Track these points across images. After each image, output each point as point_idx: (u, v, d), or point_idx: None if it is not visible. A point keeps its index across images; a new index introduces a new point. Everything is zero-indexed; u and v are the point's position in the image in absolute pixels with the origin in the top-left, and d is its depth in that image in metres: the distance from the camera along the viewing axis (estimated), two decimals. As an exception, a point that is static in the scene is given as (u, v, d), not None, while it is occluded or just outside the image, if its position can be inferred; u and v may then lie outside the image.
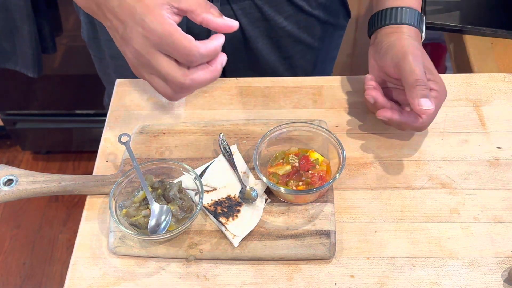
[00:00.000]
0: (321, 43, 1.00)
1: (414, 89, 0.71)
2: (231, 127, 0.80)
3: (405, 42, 0.75)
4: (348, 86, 0.87)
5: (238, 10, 0.88)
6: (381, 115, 0.76)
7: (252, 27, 0.91)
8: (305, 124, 0.74)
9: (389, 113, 0.75)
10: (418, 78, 0.71)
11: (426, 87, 0.71)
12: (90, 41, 1.01)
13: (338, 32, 1.04)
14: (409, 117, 0.74)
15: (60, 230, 1.87)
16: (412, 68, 0.72)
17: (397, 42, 0.75)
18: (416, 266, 0.66)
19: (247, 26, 0.90)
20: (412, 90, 0.71)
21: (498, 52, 0.97)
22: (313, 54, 1.01)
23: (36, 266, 1.77)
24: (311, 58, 1.02)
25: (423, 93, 0.70)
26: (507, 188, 0.73)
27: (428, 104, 0.70)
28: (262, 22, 0.91)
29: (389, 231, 0.69)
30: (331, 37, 1.02)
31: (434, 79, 0.75)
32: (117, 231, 0.69)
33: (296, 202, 0.71)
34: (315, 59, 1.03)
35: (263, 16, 0.90)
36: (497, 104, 0.83)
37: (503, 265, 0.66)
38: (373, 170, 0.76)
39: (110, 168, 0.78)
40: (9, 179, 0.72)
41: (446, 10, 1.05)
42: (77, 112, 1.83)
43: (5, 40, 1.33)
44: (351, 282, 0.65)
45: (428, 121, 0.75)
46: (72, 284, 0.67)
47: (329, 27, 0.99)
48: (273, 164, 0.74)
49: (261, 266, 0.67)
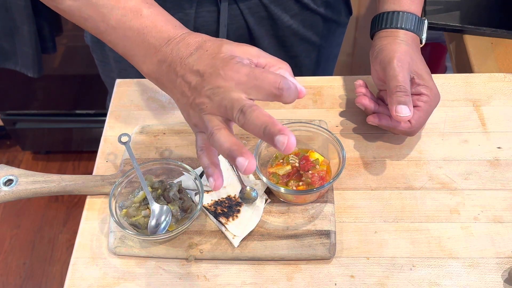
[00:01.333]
0: (325, 41, 1.01)
1: (393, 95, 0.71)
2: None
3: (395, 47, 0.75)
4: (348, 86, 0.87)
5: (245, 9, 0.88)
6: (370, 121, 0.77)
7: (258, 26, 0.91)
8: (305, 124, 0.74)
9: (377, 120, 0.76)
10: (398, 84, 0.71)
11: (406, 94, 0.71)
12: (94, 45, 1.01)
13: (340, 30, 1.04)
14: (398, 122, 0.74)
15: (60, 230, 1.87)
16: (395, 74, 0.72)
17: (388, 46, 0.75)
18: (416, 266, 0.66)
19: (254, 25, 0.90)
20: (392, 96, 0.72)
21: (498, 52, 0.97)
22: (317, 53, 1.02)
23: (36, 266, 1.77)
24: (315, 57, 1.03)
25: (401, 99, 0.71)
26: (507, 188, 0.73)
27: (405, 112, 0.70)
28: (268, 20, 0.91)
29: (389, 231, 0.69)
30: (334, 34, 1.03)
31: (424, 83, 0.74)
32: (117, 231, 0.69)
33: (296, 202, 0.71)
34: (319, 58, 1.03)
35: (269, 14, 0.90)
36: (497, 104, 0.83)
37: (503, 265, 0.66)
38: (373, 170, 0.76)
39: (110, 168, 0.78)
40: (9, 179, 0.72)
41: (446, 10, 1.05)
42: (77, 112, 1.83)
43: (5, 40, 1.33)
44: (351, 282, 0.65)
45: (417, 126, 0.74)
46: (72, 284, 0.67)
47: (332, 24, 1.00)
48: (273, 164, 0.74)
49: (261, 266, 0.67)
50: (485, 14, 1.05)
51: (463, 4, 1.06)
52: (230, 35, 0.91)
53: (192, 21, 0.88)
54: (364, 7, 1.67)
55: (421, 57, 0.77)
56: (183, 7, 0.86)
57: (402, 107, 0.71)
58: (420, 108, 0.74)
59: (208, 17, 0.88)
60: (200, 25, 0.89)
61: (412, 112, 0.71)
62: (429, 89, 0.74)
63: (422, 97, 0.74)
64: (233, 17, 0.89)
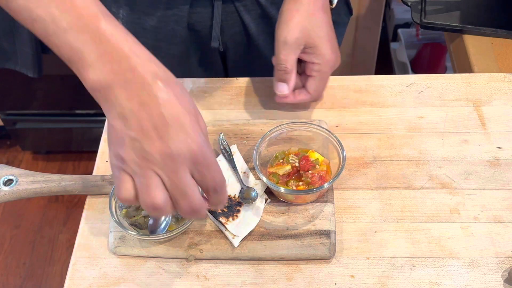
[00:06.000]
0: None
1: (275, 72, 0.76)
2: (231, 127, 0.80)
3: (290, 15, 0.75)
4: (348, 86, 0.87)
5: (240, 7, 0.88)
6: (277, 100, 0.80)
7: (254, 24, 0.91)
8: (305, 124, 0.74)
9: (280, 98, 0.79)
10: (279, 63, 0.75)
11: (285, 72, 0.75)
12: None
13: (340, 30, 1.04)
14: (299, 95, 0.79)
15: (60, 230, 1.87)
16: (278, 52, 0.75)
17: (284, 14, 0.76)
18: (416, 266, 0.66)
19: (250, 23, 0.90)
20: (274, 72, 0.76)
21: (498, 52, 0.97)
22: None
23: (36, 266, 1.77)
24: None
25: (280, 77, 0.76)
26: (507, 188, 0.73)
27: (281, 89, 0.77)
28: (264, 19, 0.91)
29: (389, 231, 0.69)
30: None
31: (315, 52, 0.76)
32: (117, 231, 0.69)
33: (296, 202, 0.71)
34: None
35: (265, 13, 0.90)
36: (497, 104, 0.83)
37: (503, 265, 0.66)
38: (373, 170, 0.76)
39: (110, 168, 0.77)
40: (9, 179, 0.72)
41: (446, 10, 1.05)
42: (77, 112, 1.83)
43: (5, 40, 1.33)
44: (351, 282, 0.65)
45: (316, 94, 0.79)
46: (72, 284, 0.67)
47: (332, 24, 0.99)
48: (273, 164, 0.74)
49: (261, 266, 0.67)
50: (485, 14, 1.05)
51: (463, 4, 1.06)
52: (225, 32, 0.91)
53: (186, 17, 0.88)
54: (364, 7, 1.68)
55: (321, 20, 0.76)
56: (177, 3, 0.86)
57: (279, 85, 0.77)
58: (313, 77, 0.77)
59: (203, 14, 0.87)
60: (195, 21, 0.88)
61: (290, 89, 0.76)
62: (321, 56, 0.76)
63: (314, 66, 0.76)
64: (228, 14, 0.89)
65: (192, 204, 0.54)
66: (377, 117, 0.82)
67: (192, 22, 0.88)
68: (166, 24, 0.88)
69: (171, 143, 0.52)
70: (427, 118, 0.82)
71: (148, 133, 0.52)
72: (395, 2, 2.04)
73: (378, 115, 0.82)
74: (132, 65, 0.52)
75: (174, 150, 0.52)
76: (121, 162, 0.54)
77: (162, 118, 0.51)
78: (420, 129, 0.80)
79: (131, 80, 0.52)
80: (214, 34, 0.87)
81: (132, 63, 0.52)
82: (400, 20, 2.02)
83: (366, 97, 0.85)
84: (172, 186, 0.53)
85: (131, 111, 0.52)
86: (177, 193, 0.53)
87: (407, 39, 1.95)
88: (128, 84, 0.52)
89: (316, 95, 0.79)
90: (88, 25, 0.53)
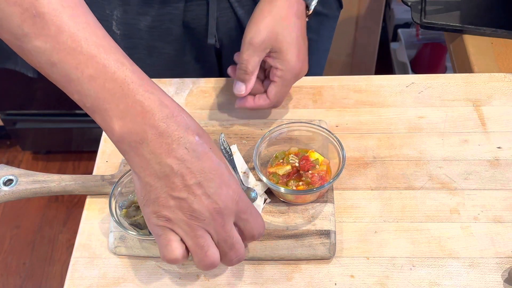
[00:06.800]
0: (315, 34, 1.00)
1: (237, 70, 0.75)
2: (231, 127, 0.80)
3: (261, 16, 0.74)
4: (348, 86, 0.87)
5: (235, 2, 0.88)
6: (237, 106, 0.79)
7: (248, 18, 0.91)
8: (305, 124, 0.74)
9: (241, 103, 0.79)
10: (240, 62, 0.74)
11: (245, 73, 0.74)
12: None
13: (330, 23, 1.04)
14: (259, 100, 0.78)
15: (60, 230, 1.87)
16: (242, 51, 0.74)
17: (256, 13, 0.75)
18: (416, 266, 0.66)
19: (244, 18, 0.90)
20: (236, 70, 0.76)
21: (498, 52, 0.97)
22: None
23: (36, 266, 1.77)
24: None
25: (240, 77, 0.75)
26: (507, 188, 0.73)
27: (237, 88, 0.75)
28: None
29: (389, 231, 0.69)
30: (325, 28, 1.02)
31: (279, 57, 0.74)
32: (117, 231, 0.69)
33: (296, 202, 0.71)
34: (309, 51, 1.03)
35: None
36: (497, 104, 0.83)
37: (503, 265, 0.66)
38: (373, 170, 0.76)
39: (110, 168, 0.78)
40: (9, 179, 0.72)
41: (446, 10, 1.05)
42: (77, 112, 1.83)
43: (5, 40, 1.33)
44: (351, 282, 0.65)
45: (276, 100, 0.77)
46: (72, 284, 0.67)
47: (323, 18, 0.99)
48: (273, 164, 0.74)
49: (261, 266, 0.67)
50: (485, 14, 1.05)
51: (463, 4, 1.06)
52: (221, 28, 0.91)
53: (181, 15, 0.87)
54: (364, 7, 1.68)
55: (293, 26, 0.74)
56: (172, 1, 0.86)
57: (238, 84, 0.76)
58: (275, 83, 0.76)
59: (198, 11, 0.87)
60: (190, 19, 0.88)
61: (247, 90, 0.75)
62: (285, 62, 0.74)
63: (277, 72, 0.75)
64: (222, 10, 0.88)
65: (238, 254, 0.56)
66: (377, 117, 0.82)
67: (187, 19, 0.88)
68: (161, 23, 0.88)
69: (217, 198, 0.52)
70: (427, 118, 0.82)
71: (193, 191, 0.51)
72: (395, 2, 2.05)
73: (378, 115, 0.82)
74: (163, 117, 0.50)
75: (222, 205, 0.52)
76: (167, 222, 0.53)
77: (203, 174, 0.51)
78: (420, 129, 0.80)
79: (164, 133, 0.50)
80: (210, 30, 0.87)
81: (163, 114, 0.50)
82: (400, 20, 2.02)
83: (366, 97, 0.85)
84: (221, 240, 0.54)
85: (171, 169, 0.50)
86: (226, 246, 0.55)
87: (407, 39, 1.95)
88: (162, 139, 0.50)
89: (275, 101, 0.77)
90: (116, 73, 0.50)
